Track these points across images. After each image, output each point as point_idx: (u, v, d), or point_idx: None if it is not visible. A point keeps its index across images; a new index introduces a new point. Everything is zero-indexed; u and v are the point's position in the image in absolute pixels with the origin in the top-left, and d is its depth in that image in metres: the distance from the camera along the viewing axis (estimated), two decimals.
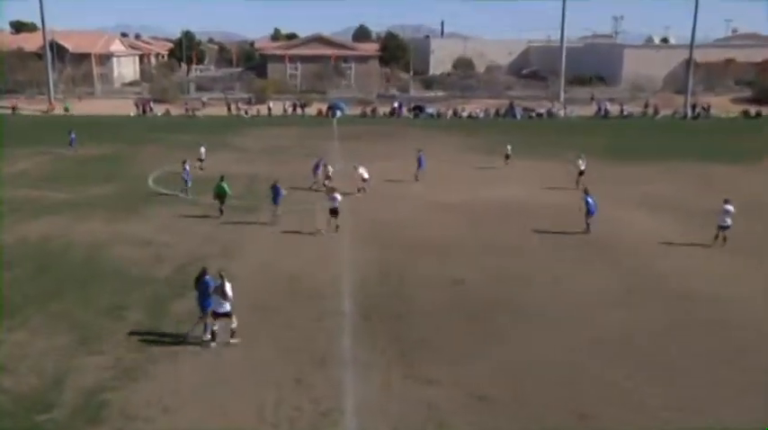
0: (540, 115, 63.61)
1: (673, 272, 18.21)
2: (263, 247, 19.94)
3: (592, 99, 70.96)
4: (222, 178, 23.87)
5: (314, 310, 15.30)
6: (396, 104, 63.96)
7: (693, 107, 64.98)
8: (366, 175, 27.12)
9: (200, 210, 24.31)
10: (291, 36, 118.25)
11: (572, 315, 15.28)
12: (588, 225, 21.71)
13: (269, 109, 62.52)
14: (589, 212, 21.63)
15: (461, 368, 12.85)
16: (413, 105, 64.39)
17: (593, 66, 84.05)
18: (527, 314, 15.31)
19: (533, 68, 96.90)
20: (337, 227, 21.37)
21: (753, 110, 64.49)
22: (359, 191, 26.89)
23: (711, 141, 46.21)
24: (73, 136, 38.36)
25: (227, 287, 13.44)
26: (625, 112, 63.89)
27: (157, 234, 21.28)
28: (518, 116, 63.10)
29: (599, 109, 64.52)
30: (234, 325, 13.70)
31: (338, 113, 61.78)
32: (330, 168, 28.07)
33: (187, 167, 26.87)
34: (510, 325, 14.70)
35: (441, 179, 30.93)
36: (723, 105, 67.83)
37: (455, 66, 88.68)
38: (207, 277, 13.75)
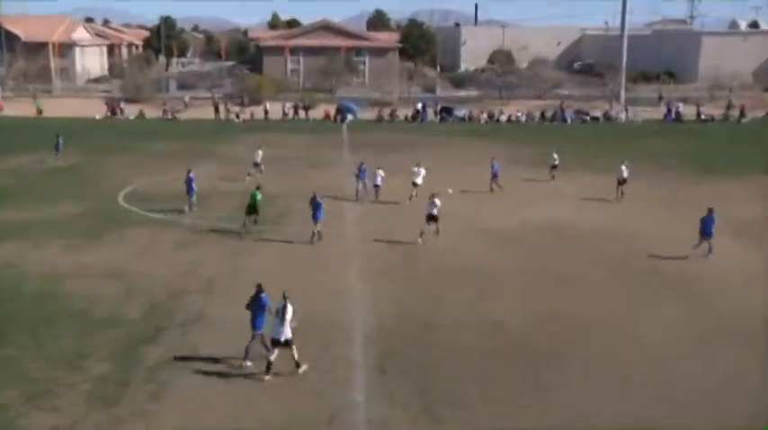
0: (595, 119, 63.61)
1: (762, 315, 17.90)
2: (260, 278, 19.88)
3: (660, 99, 70.81)
4: (258, 188, 25.58)
5: (323, 360, 15.16)
6: (419, 106, 64.37)
7: None
8: (419, 181, 29.91)
9: (183, 233, 24.40)
10: (293, 23, 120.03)
11: (635, 368, 15.00)
12: (710, 247, 22.53)
13: (265, 111, 63.15)
14: (705, 233, 22.50)
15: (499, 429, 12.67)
16: (440, 107, 64.79)
17: (663, 58, 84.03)
18: (581, 366, 15.06)
19: (588, 62, 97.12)
20: (438, 231, 24.07)
21: None
22: (410, 198, 29.47)
23: None
24: (60, 141, 39.35)
25: (290, 311, 14.17)
26: (702, 115, 63.60)
27: (128, 263, 21.36)
28: (569, 120, 63.16)
29: (669, 111, 64.32)
30: (296, 354, 14.38)
31: (349, 117, 62.22)
32: (381, 173, 30.36)
33: (192, 176, 27.47)
34: (559, 379, 14.48)
35: (476, 197, 31.07)
36: None
37: (491, 60, 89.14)
38: (263, 295, 14.64)
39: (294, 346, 14.36)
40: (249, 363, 14.65)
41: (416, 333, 16.68)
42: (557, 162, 35.42)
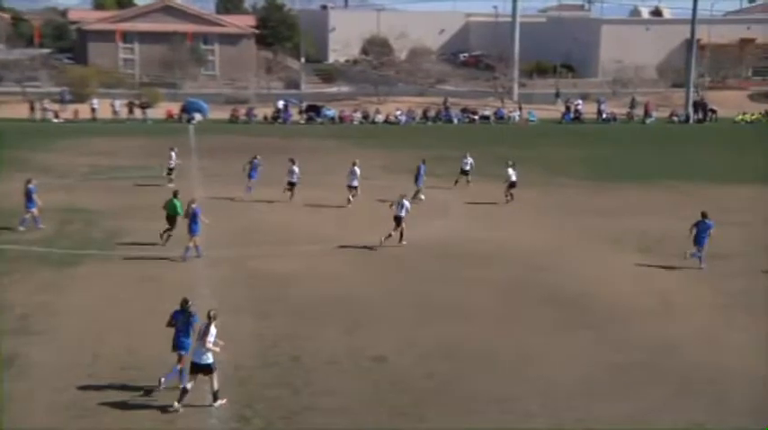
0: (485, 119, 65.64)
1: (684, 342, 18.88)
2: (84, 315, 19.17)
3: (557, 96, 73.97)
4: (176, 194, 25.74)
5: (166, 412, 14.74)
6: (281, 105, 64.32)
7: (697, 106, 68.98)
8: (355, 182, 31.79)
9: None
10: (125, 3, 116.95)
11: (546, 409, 15.47)
12: (700, 259, 24.26)
13: (92, 110, 61.12)
14: (697, 241, 24.14)
15: None
16: (305, 106, 64.95)
17: (560, 49, 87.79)
18: (483, 409, 15.37)
19: (475, 53, 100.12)
20: (402, 238, 25.86)
21: None
22: (348, 202, 31.29)
23: (727, 154, 49.06)
24: None
25: (213, 333, 14.69)
26: (604, 115, 66.95)
27: None
28: (455, 120, 64.83)
29: (567, 109, 67.32)
30: (216, 385, 14.86)
31: (197, 117, 61.34)
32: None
33: (32, 187, 27.02)
34: (449, 427, 14.69)
35: (353, 211, 31.30)
36: (738, 103, 72.42)
37: (365, 50, 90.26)
38: (191, 310, 15.34)
39: (216, 375, 14.84)
40: (189, 385, 14.96)
41: (284, 373, 16.54)
42: (469, 166, 36.34)
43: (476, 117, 65.72)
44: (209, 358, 14.75)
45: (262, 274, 22.98)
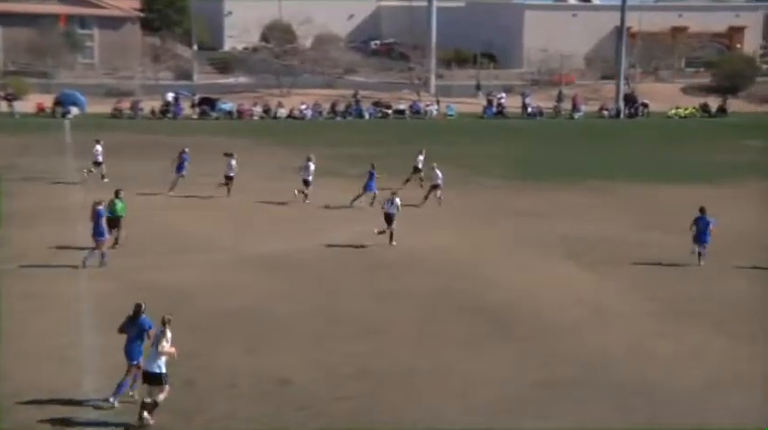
0: (400, 113, 66.17)
1: (616, 355, 19.41)
2: None
3: (478, 89, 75.09)
4: (118, 193, 26.46)
5: None
6: (171, 97, 63.54)
7: (628, 100, 70.98)
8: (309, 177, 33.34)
9: None
10: None
11: None
12: (699, 255, 26.05)
13: None
14: (699, 239, 25.94)
15: None
16: (198, 99, 64.35)
17: (481, 37, 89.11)
18: None
19: (388, 41, 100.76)
20: (392, 237, 27.53)
21: (714, 103, 71.82)
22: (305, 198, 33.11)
23: (660, 152, 50.59)
24: None
25: (167, 339, 15.18)
26: (529, 109, 68.24)
27: None
28: (366, 115, 65.16)
29: (489, 103, 68.38)
30: (161, 397, 15.23)
31: (74, 111, 60.17)
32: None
33: None
34: None
35: (255, 218, 31.32)
36: (671, 97, 74.77)
37: (266, 36, 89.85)
38: (143, 316, 15.87)
39: (166, 386, 15.27)
40: (136, 396, 15.72)
41: (175, 397, 16.36)
42: (421, 163, 36.79)
43: (389, 111, 66.19)
44: (161, 367, 15.20)
45: (158, 286, 22.61)
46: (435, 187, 33.70)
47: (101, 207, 24.46)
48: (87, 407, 15.71)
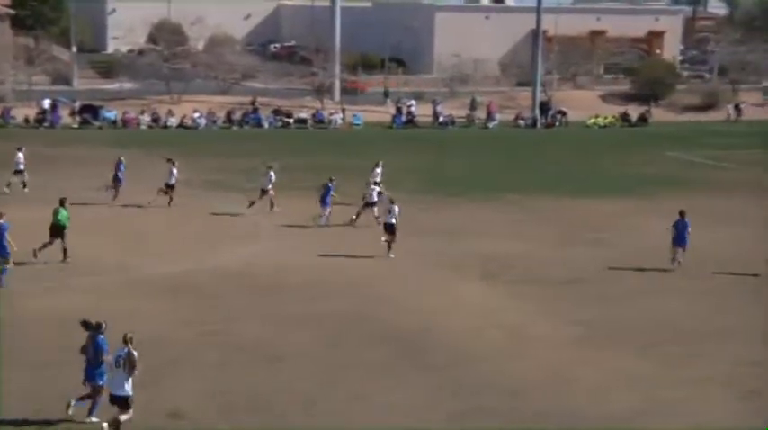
0: (302, 122, 66.08)
1: (534, 383, 19.66)
2: None
3: (386, 96, 75.46)
4: (63, 202, 27.25)
5: None
6: (47, 104, 62.31)
7: (543, 108, 72.22)
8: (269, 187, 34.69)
9: None
10: None
11: None
12: (674, 258, 28.30)
13: None
14: (678, 242, 27.98)
15: None
16: (79, 106, 63.24)
17: (389, 41, 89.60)
18: None
19: (289, 43, 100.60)
20: (390, 248, 29.12)
21: (634, 112, 73.57)
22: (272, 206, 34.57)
23: (579, 164, 51.53)
24: None
25: (135, 358, 15.88)
26: (441, 118, 68.84)
27: None
28: (265, 124, 64.91)
29: (399, 111, 68.76)
30: (125, 417, 15.96)
31: None
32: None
33: None
34: None
35: (146, 236, 31.05)
36: (590, 105, 76.29)
37: (153, 37, 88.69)
38: (101, 337, 16.42)
39: (131, 409, 16.01)
40: (94, 419, 16.47)
41: None
42: (377, 176, 37.13)
43: (290, 120, 66.00)
44: (128, 389, 15.99)
45: (42, 315, 22.25)
46: (370, 205, 33.83)
47: (2, 221, 24.16)
48: None
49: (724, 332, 22.98)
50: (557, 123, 70.95)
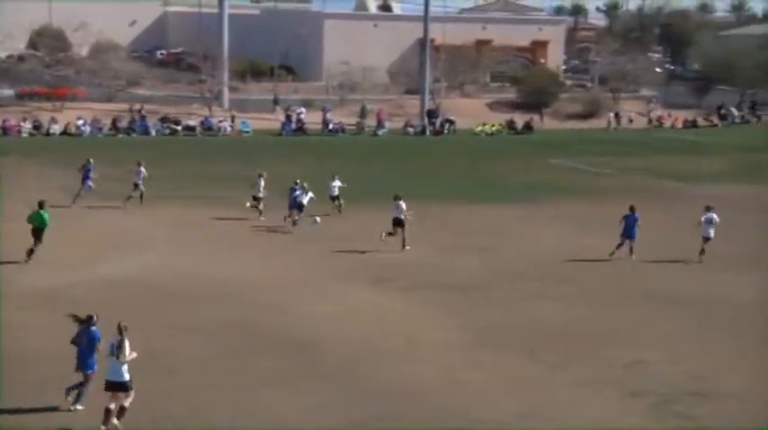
0: (190, 129, 65.51)
1: (430, 388, 19.98)
2: None
3: (276, 103, 75.29)
4: (42, 204, 28.20)
5: None
6: None
7: (431, 115, 73.04)
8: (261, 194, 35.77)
9: None
10: None
11: None
12: (632, 250, 30.94)
13: None
14: (627, 234, 30.81)
15: None
16: None
17: (277, 47, 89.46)
18: None
19: (176, 50, 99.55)
20: (404, 243, 31.54)
21: (520, 120, 75.01)
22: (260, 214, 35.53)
23: (467, 170, 52.36)
24: None
25: (127, 347, 16.82)
26: (331, 125, 69.07)
27: None
28: (152, 131, 64.13)
29: (288, 119, 68.71)
30: (127, 402, 16.92)
31: None
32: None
33: None
34: None
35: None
36: (477, 112, 77.47)
37: (34, 43, 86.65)
38: (93, 328, 17.42)
39: (131, 393, 16.91)
40: (79, 407, 17.48)
41: None
42: (337, 192, 37.73)
43: (178, 128, 65.39)
44: (125, 375, 16.87)
45: None
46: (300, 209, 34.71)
47: (401, 202, 26.18)
48: None
49: (606, 335, 23.76)
50: (445, 131, 71.85)
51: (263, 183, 36.26)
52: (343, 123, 69.85)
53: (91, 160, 38.32)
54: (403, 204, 31.82)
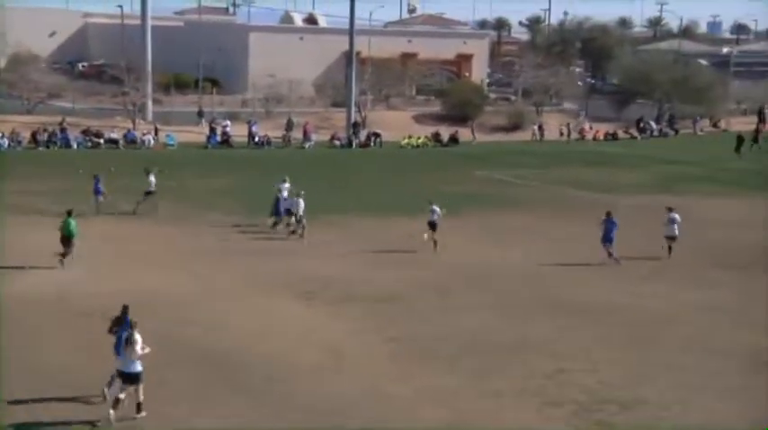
0: (113, 142, 64.73)
1: (354, 400, 20.03)
2: None
3: (201, 116, 74.77)
4: (70, 213, 29.88)
5: None
6: None
7: (356, 128, 73.18)
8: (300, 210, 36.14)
9: None
10: None
11: None
12: (610, 254, 32.02)
13: None
14: (605, 239, 31.99)
15: None
16: None
17: (202, 60, 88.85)
18: None
19: (97, 62, 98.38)
20: (435, 243, 33.67)
21: (445, 132, 75.48)
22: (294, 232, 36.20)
23: (394, 182, 52.51)
24: None
25: (138, 339, 18.04)
26: (257, 138, 68.80)
27: None
28: (74, 144, 63.25)
29: (213, 132, 68.26)
30: (141, 396, 18.00)
31: None
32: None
33: None
34: None
35: None
36: (403, 125, 77.82)
37: None
38: (129, 317, 18.76)
39: (142, 385, 17.95)
40: (122, 395, 18.21)
41: None
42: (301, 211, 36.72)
43: (101, 141, 64.57)
44: (138, 367, 18.03)
45: None
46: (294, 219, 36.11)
47: (435, 206, 27.60)
48: None
49: (526, 344, 24.03)
50: (372, 143, 72.05)
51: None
52: (270, 136, 69.63)
53: (98, 175, 39.56)
54: (437, 208, 34.01)
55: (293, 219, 36.12)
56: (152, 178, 39.23)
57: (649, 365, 22.76)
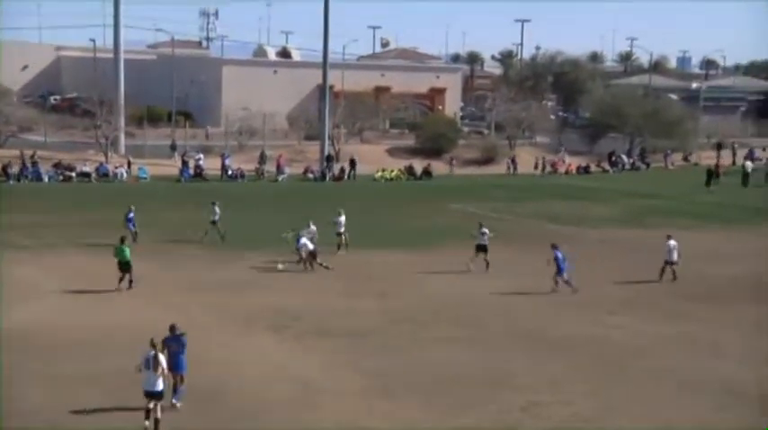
0: (85, 176, 64.46)
1: None
2: None
3: (173, 149, 74.63)
4: (123, 240, 31.92)
5: None
6: None
7: (329, 161, 73.23)
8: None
9: None
10: None
11: None
12: (567, 282, 32.94)
13: None
14: (559, 270, 32.94)
15: None
16: None
17: (175, 93, 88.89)
18: None
19: (70, 95, 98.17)
20: (488, 264, 36.18)
21: (419, 165, 75.69)
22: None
23: (367, 216, 52.38)
24: None
25: (163, 361, 19.65)
26: (230, 171, 68.70)
27: None
28: (45, 178, 62.97)
29: (185, 165, 68.12)
30: (159, 414, 19.21)
31: None
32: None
33: None
34: None
35: None
36: (377, 158, 77.99)
37: None
38: (180, 335, 21.20)
39: (161, 403, 19.21)
40: (179, 404, 20.52)
41: None
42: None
43: (72, 174, 64.25)
44: (160, 385, 19.46)
45: None
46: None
47: (485, 229, 29.67)
48: None
49: (500, 377, 24.01)
50: (346, 177, 72.10)
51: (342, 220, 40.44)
52: (243, 169, 69.55)
53: (132, 207, 41.13)
54: (487, 231, 36.65)
55: (342, 238, 39.99)
56: (217, 208, 41.84)
57: (622, 398, 22.81)
